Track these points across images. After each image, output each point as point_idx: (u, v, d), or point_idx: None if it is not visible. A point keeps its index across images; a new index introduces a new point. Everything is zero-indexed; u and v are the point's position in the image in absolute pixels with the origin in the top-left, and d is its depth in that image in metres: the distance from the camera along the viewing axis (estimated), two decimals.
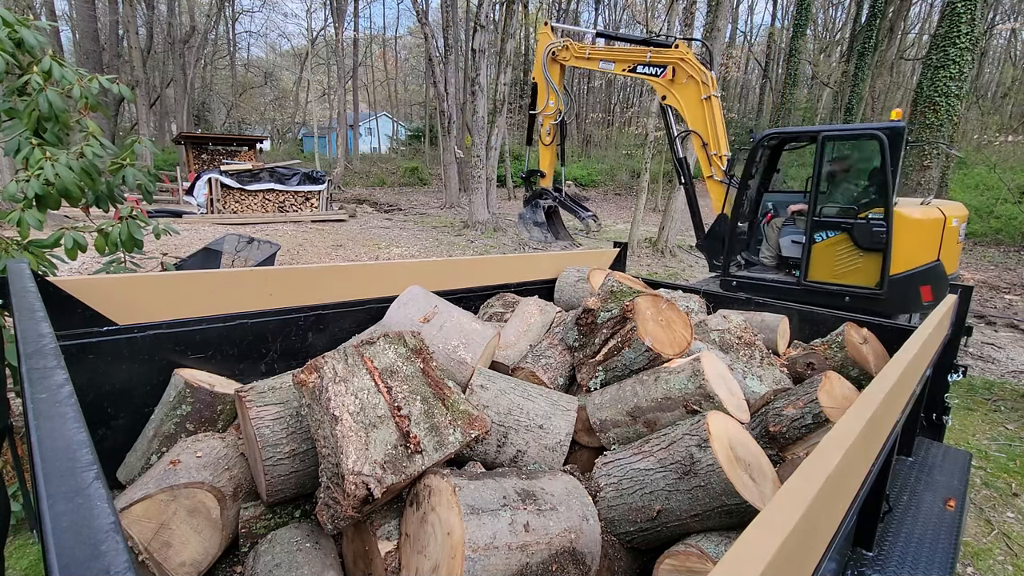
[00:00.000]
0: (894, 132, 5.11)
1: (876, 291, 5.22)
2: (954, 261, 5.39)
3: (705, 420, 1.49)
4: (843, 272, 5.49)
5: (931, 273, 5.10)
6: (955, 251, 5.41)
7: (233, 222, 15.14)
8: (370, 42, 42.97)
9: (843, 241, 5.47)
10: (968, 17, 11.06)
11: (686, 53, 6.10)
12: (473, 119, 15.89)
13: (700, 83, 6.01)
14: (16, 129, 2.66)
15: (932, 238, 5.12)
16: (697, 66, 6.04)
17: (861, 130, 5.45)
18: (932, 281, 5.08)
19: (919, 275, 5.12)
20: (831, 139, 5.52)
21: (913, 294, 5.13)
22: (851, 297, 5.37)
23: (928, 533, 1.82)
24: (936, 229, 5.10)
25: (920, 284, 5.11)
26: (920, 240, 5.14)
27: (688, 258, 12.87)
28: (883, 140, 5.07)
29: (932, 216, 5.14)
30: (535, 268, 3.29)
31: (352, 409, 1.31)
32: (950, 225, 5.13)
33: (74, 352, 1.68)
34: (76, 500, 0.55)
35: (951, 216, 5.14)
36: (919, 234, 5.13)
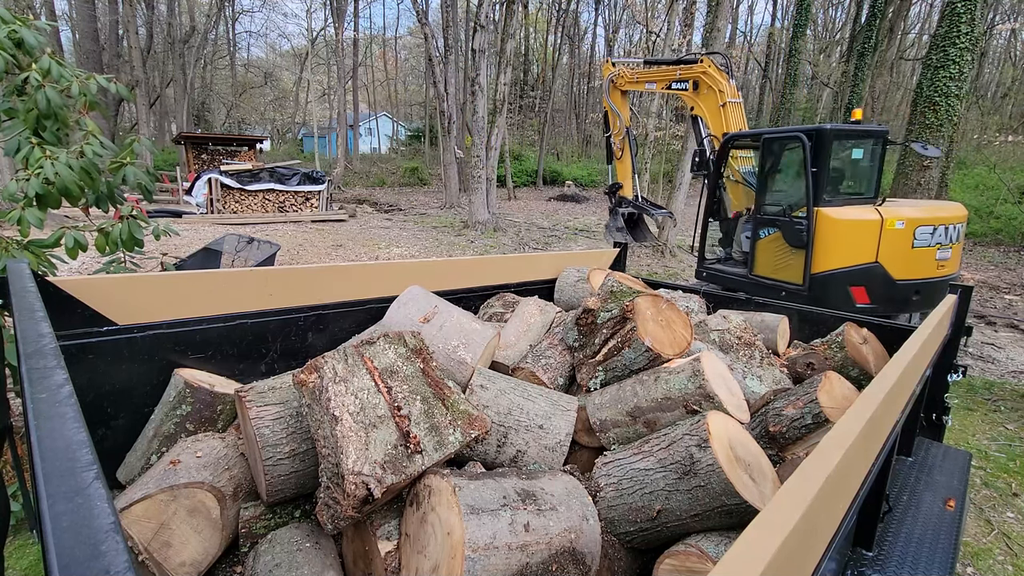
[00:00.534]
0: (816, 134, 5.28)
1: (800, 288, 5.40)
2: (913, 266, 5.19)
3: (705, 420, 1.49)
4: (779, 268, 5.74)
5: (866, 275, 5.13)
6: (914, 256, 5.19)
7: (233, 222, 15.15)
8: (370, 42, 42.97)
9: (779, 239, 5.72)
10: (968, 17, 11.05)
11: (708, 67, 6.67)
12: (473, 119, 15.88)
13: (717, 92, 6.56)
14: (16, 129, 2.66)
15: (865, 240, 5.13)
16: (715, 77, 6.60)
17: (789, 132, 5.66)
18: (867, 283, 5.12)
19: (846, 276, 5.18)
20: (768, 140, 5.79)
21: (840, 294, 5.19)
22: (785, 292, 5.56)
23: (928, 533, 1.82)
24: (871, 231, 5.11)
25: (849, 285, 5.17)
26: (848, 241, 5.19)
27: (688, 258, 12.87)
28: (804, 141, 5.26)
29: (863, 217, 5.15)
30: (535, 268, 3.29)
31: (352, 409, 1.31)
32: (891, 228, 5.08)
33: (74, 352, 1.68)
34: (76, 500, 0.55)
35: (893, 219, 5.07)
36: (846, 235, 5.19)
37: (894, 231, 5.09)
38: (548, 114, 32.95)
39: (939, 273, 5.35)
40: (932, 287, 5.30)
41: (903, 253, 5.14)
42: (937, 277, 5.34)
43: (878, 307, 5.11)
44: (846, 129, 5.54)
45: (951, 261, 5.45)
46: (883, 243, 5.09)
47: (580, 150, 36.83)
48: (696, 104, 6.91)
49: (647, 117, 14.36)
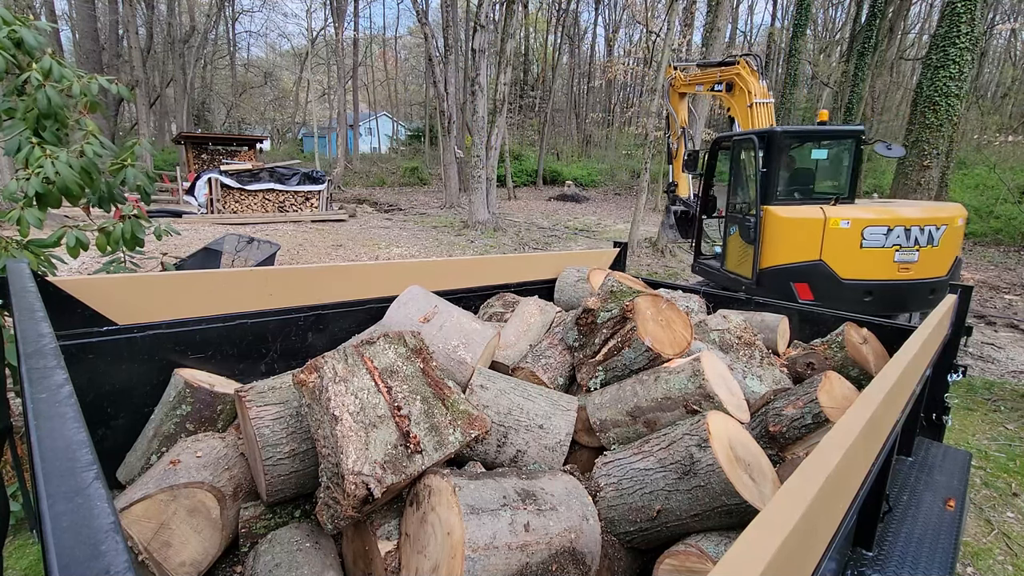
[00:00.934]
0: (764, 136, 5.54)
1: (751, 281, 5.64)
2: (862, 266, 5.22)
3: (705, 420, 1.49)
4: (739, 262, 6.02)
5: (809, 272, 5.28)
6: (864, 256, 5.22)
7: (233, 222, 15.15)
8: (370, 42, 42.97)
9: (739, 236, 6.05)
10: (968, 17, 11.05)
11: (742, 68, 7.00)
12: (473, 119, 15.88)
13: (747, 92, 6.88)
14: (16, 128, 2.66)
15: (809, 238, 5.25)
16: (746, 78, 6.94)
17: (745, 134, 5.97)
18: (810, 280, 5.27)
19: (790, 272, 5.36)
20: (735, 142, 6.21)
21: (783, 289, 5.37)
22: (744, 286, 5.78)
23: (928, 533, 1.82)
24: (813, 229, 5.23)
25: (792, 281, 5.34)
26: (792, 238, 5.33)
27: (688, 258, 12.87)
28: (755, 142, 5.55)
29: (807, 216, 5.30)
30: (535, 268, 3.29)
31: (352, 409, 1.31)
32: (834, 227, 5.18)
33: (74, 352, 1.68)
34: (76, 500, 0.55)
35: (837, 218, 5.15)
36: (790, 232, 5.34)
37: (838, 230, 5.19)
38: (548, 114, 32.95)
39: (902, 276, 5.29)
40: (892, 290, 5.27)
41: (849, 253, 5.22)
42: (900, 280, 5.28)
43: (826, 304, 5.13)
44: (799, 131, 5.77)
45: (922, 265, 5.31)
46: (827, 241, 5.21)
47: (580, 150, 36.83)
48: (731, 105, 7.25)
49: (647, 117, 14.35)
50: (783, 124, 20.05)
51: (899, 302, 5.32)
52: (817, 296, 5.26)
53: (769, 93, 6.87)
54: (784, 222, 5.38)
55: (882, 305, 5.27)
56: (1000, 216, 15.11)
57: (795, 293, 5.34)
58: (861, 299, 5.22)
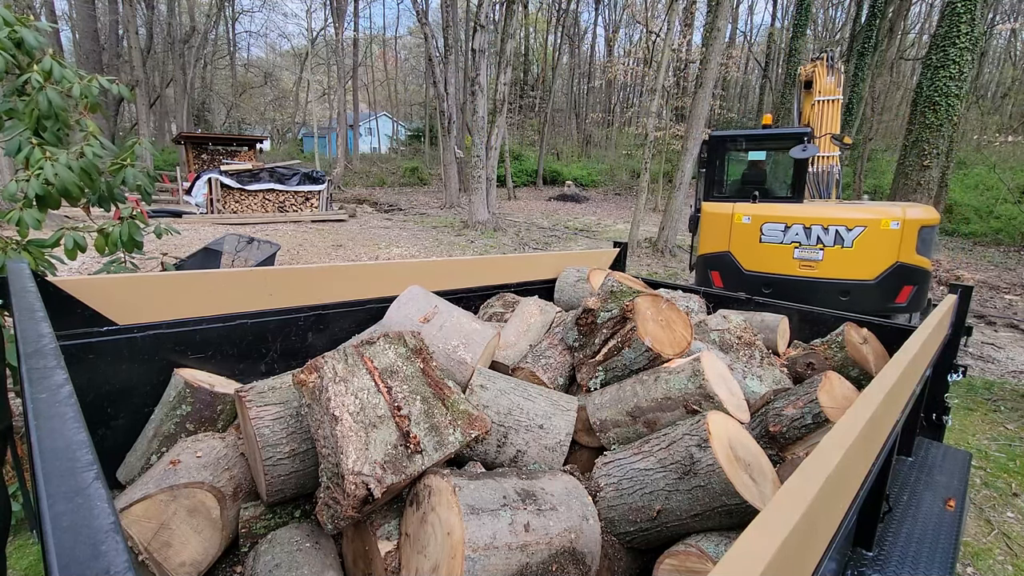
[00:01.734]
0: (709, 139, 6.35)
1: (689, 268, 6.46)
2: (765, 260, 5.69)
3: (705, 420, 1.49)
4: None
5: (718, 261, 5.99)
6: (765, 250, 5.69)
7: (233, 222, 15.15)
8: (370, 42, 42.96)
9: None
10: (968, 17, 11.05)
11: (818, 66, 7.25)
12: (473, 119, 15.89)
13: (815, 90, 7.17)
14: (16, 129, 2.66)
15: (720, 231, 5.94)
16: (817, 76, 7.17)
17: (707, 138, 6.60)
18: (721, 269, 5.96)
19: (708, 260, 6.09)
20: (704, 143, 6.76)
21: (706, 276, 6.11)
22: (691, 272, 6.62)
23: (928, 533, 1.82)
24: (723, 223, 5.90)
25: (709, 269, 6.06)
26: (711, 231, 6.05)
27: (688, 258, 12.87)
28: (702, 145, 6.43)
29: (719, 211, 5.99)
30: (535, 268, 3.29)
31: (352, 409, 1.31)
32: (738, 222, 5.78)
33: (74, 352, 1.68)
34: (76, 500, 0.55)
35: (740, 214, 5.75)
36: (710, 225, 6.05)
37: (740, 225, 5.79)
38: (548, 114, 32.96)
39: (804, 273, 5.54)
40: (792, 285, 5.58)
41: (751, 247, 5.79)
42: (802, 276, 5.54)
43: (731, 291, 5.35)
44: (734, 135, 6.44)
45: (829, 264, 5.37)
46: (732, 234, 5.84)
47: (580, 150, 36.83)
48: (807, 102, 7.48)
49: (647, 117, 14.36)
50: (782, 125, 19.89)
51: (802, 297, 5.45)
52: (725, 284, 5.90)
53: (838, 90, 6.98)
54: (708, 216, 6.08)
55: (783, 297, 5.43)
56: (1000, 216, 15.12)
57: (711, 279, 6.03)
58: (760, 290, 5.66)
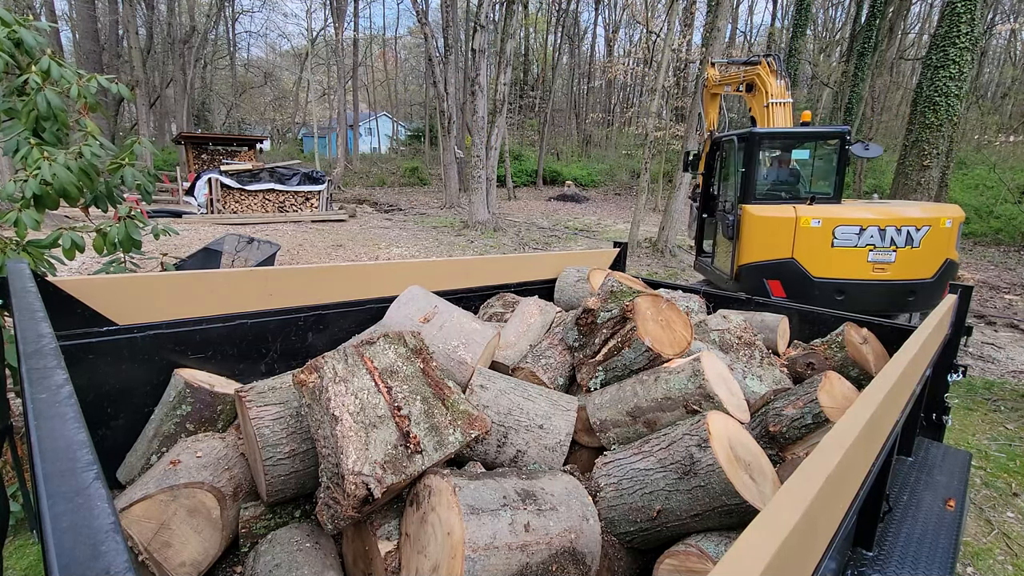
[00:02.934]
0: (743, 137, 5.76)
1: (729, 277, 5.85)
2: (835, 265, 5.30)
3: (705, 420, 1.49)
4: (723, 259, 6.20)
5: (780, 270, 5.43)
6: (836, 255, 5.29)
7: (233, 222, 15.14)
8: (370, 42, 42.94)
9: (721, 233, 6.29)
10: (968, 17, 11.05)
11: (762, 69, 7.06)
12: (473, 119, 15.89)
13: (764, 92, 7.00)
14: (15, 129, 2.66)
15: (781, 236, 5.39)
16: (764, 78, 7.02)
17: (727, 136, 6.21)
18: (783, 278, 5.41)
19: (764, 268, 5.52)
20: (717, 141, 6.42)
21: (758, 285, 5.52)
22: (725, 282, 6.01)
23: (928, 533, 1.82)
24: (785, 228, 5.36)
25: (765, 278, 5.48)
26: (765, 236, 5.48)
27: (688, 258, 12.87)
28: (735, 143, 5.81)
29: (778, 215, 5.43)
30: (535, 268, 3.29)
31: (352, 409, 1.31)
32: (805, 226, 5.29)
33: (74, 352, 1.68)
34: (76, 500, 0.55)
35: (808, 217, 5.27)
36: (763, 230, 5.49)
37: (809, 229, 5.31)
38: (548, 114, 32.95)
39: (877, 276, 5.33)
40: (866, 289, 5.32)
41: (822, 251, 5.32)
42: (875, 280, 5.32)
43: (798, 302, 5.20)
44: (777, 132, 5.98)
45: (899, 266, 5.32)
46: (798, 240, 5.32)
47: (580, 150, 36.82)
48: (751, 104, 7.36)
49: (647, 117, 14.36)
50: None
51: (874, 302, 5.34)
52: (789, 294, 5.39)
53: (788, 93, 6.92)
54: (758, 220, 5.56)
55: (855, 304, 5.28)
56: (1000, 216, 15.11)
57: (768, 290, 5.48)
58: (833, 297, 5.32)
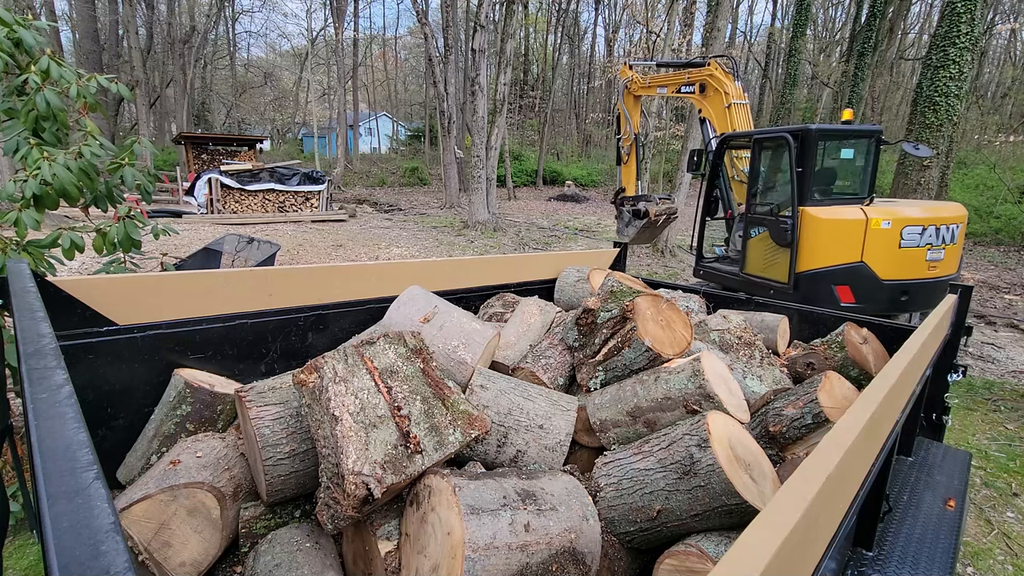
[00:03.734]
0: (800, 134, 5.31)
1: (786, 286, 5.43)
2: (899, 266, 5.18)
3: (705, 420, 1.49)
4: (767, 266, 5.79)
5: (851, 274, 5.14)
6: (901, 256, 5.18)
7: (233, 222, 15.14)
8: (370, 42, 42.95)
9: (767, 238, 5.75)
10: (968, 17, 11.05)
11: (714, 69, 6.71)
12: (473, 119, 15.89)
13: (723, 94, 6.63)
14: (15, 129, 2.66)
15: (850, 239, 5.13)
16: (721, 79, 6.65)
17: (776, 132, 5.68)
18: (852, 282, 5.14)
19: (831, 275, 5.19)
20: (757, 141, 5.86)
21: (824, 293, 5.21)
22: (773, 290, 5.57)
23: (928, 533, 1.82)
24: (855, 230, 5.11)
25: (833, 284, 5.18)
26: (832, 240, 5.19)
27: (688, 258, 12.87)
28: (789, 141, 5.29)
29: (848, 217, 5.14)
30: (535, 268, 3.29)
31: (352, 409, 1.31)
32: (876, 227, 5.07)
33: (74, 352, 1.68)
34: (76, 500, 0.55)
35: (878, 218, 5.04)
36: (830, 234, 5.19)
37: (880, 231, 5.09)
38: (548, 114, 32.96)
39: (930, 274, 5.30)
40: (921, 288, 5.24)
41: (889, 253, 5.12)
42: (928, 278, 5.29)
43: (865, 307, 5.09)
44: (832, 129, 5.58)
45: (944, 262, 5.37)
46: (868, 243, 5.09)
47: (580, 150, 36.83)
48: (703, 107, 6.99)
49: (647, 117, 14.37)
50: (782, 124, 19.73)
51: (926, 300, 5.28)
52: (858, 298, 5.14)
53: (745, 94, 6.74)
54: (824, 224, 5.19)
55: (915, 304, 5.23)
56: (1000, 216, 15.11)
57: (836, 296, 5.20)
58: (898, 299, 5.16)
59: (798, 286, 5.33)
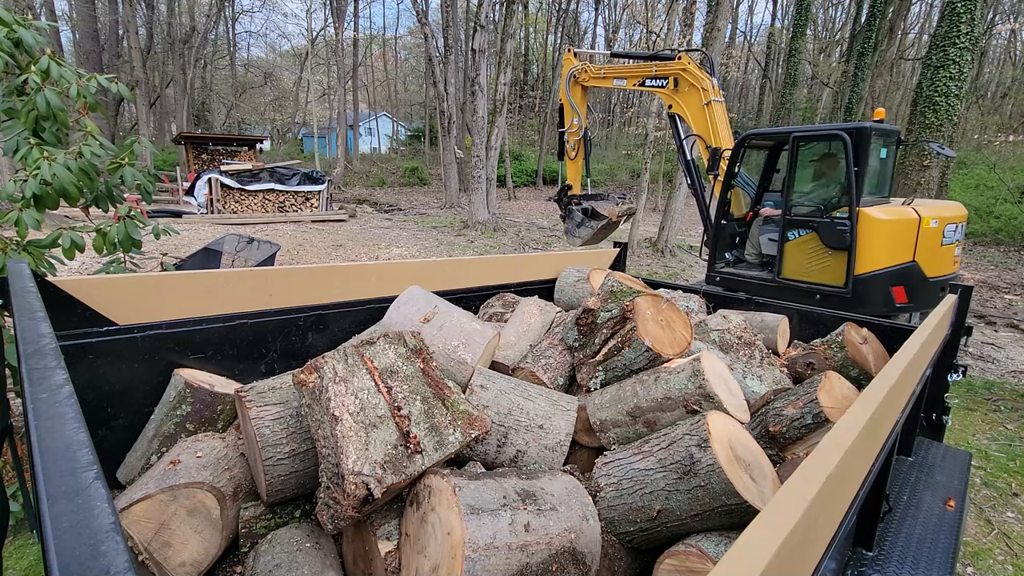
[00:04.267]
0: (859, 132, 5.15)
1: (842, 290, 5.27)
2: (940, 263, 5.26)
3: (705, 420, 1.49)
4: (813, 270, 5.57)
5: (904, 274, 5.10)
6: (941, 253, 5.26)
7: (233, 222, 15.14)
8: (370, 42, 42.95)
9: (813, 240, 5.54)
10: (968, 17, 11.06)
11: (687, 64, 6.35)
12: (473, 119, 15.89)
13: (700, 90, 6.26)
14: (15, 129, 2.66)
15: (904, 239, 5.10)
16: (697, 75, 6.28)
17: (828, 130, 5.51)
18: (906, 282, 5.10)
19: (888, 276, 5.12)
20: (801, 139, 5.61)
21: (881, 295, 5.13)
22: (821, 295, 5.40)
23: (928, 533, 1.82)
24: (909, 230, 5.08)
25: (891, 285, 5.12)
26: (888, 241, 5.13)
27: (688, 258, 12.88)
28: (846, 140, 5.11)
29: (903, 217, 5.10)
30: (535, 268, 3.29)
31: (352, 409, 1.31)
32: (927, 226, 5.08)
33: (74, 352, 1.68)
34: (76, 500, 0.55)
35: (928, 217, 5.06)
36: (888, 235, 5.12)
37: (929, 230, 5.10)
38: (548, 114, 32.94)
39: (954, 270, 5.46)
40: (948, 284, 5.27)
41: (935, 251, 5.16)
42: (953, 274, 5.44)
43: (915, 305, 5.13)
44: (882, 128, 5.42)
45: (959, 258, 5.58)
46: (920, 242, 5.09)
47: None
48: (675, 102, 6.58)
49: (647, 117, 14.36)
50: (782, 124, 19.63)
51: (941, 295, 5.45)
52: (910, 298, 5.10)
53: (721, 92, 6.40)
54: (882, 224, 5.07)
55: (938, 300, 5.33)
56: (1000, 216, 15.11)
57: (892, 298, 5.13)
58: (936, 295, 5.17)
59: (855, 289, 5.18)
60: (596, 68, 7.41)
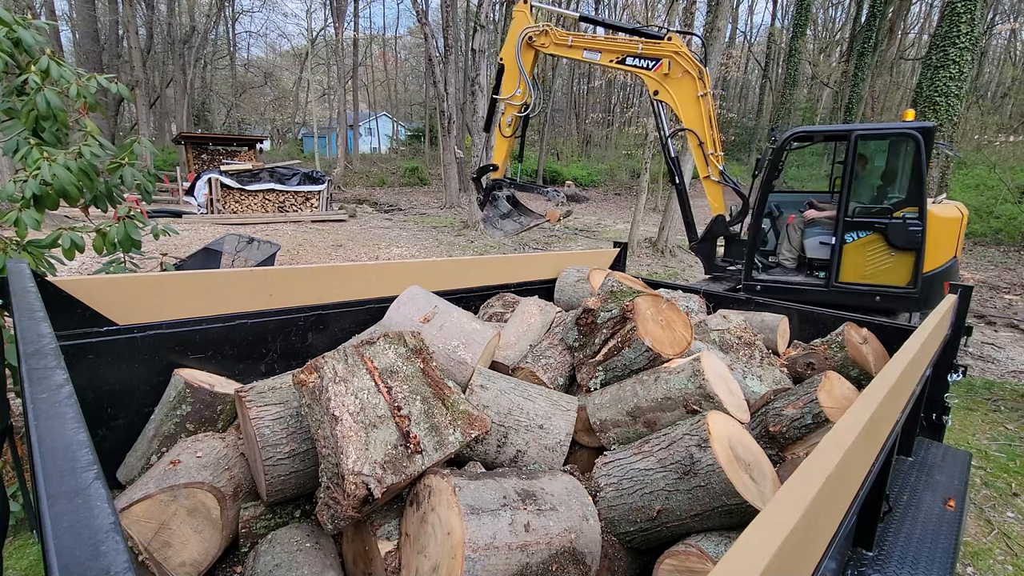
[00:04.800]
0: (927, 131, 5.19)
1: (910, 290, 5.23)
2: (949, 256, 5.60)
3: (705, 420, 1.49)
4: (876, 272, 5.45)
5: (951, 270, 5.33)
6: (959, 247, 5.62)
7: (233, 222, 15.14)
8: (370, 42, 42.94)
9: (875, 241, 5.42)
10: (968, 17, 11.06)
11: (680, 47, 5.72)
12: (473, 119, 15.89)
13: (696, 79, 5.66)
14: (15, 129, 2.66)
15: (954, 236, 5.34)
16: (693, 61, 5.68)
17: (895, 129, 5.46)
18: (950, 278, 5.32)
19: (943, 274, 5.28)
20: (865, 138, 5.47)
21: (938, 292, 5.19)
22: (882, 297, 5.34)
23: (928, 533, 1.82)
24: (957, 227, 5.34)
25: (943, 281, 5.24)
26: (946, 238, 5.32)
27: (688, 258, 12.88)
28: (919, 139, 5.08)
29: (954, 215, 5.33)
30: (535, 268, 3.29)
31: (352, 409, 1.31)
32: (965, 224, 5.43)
33: (74, 352, 1.68)
34: (76, 500, 0.55)
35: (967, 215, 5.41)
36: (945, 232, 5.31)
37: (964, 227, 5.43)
38: (548, 114, 32.95)
39: None
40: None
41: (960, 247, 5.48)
42: None
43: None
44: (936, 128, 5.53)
45: None
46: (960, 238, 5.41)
47: (580, 150, 36.84)
48: (663, 89, 5.84)
49: (647, 117, 14.36)
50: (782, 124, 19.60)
51: None
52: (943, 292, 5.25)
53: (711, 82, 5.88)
54: (944, 223, 5.25)
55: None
56: (1000, 216, 15.10)
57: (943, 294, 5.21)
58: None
59: (921, 289, 5.17)
60: (562, 34, 6.22)
